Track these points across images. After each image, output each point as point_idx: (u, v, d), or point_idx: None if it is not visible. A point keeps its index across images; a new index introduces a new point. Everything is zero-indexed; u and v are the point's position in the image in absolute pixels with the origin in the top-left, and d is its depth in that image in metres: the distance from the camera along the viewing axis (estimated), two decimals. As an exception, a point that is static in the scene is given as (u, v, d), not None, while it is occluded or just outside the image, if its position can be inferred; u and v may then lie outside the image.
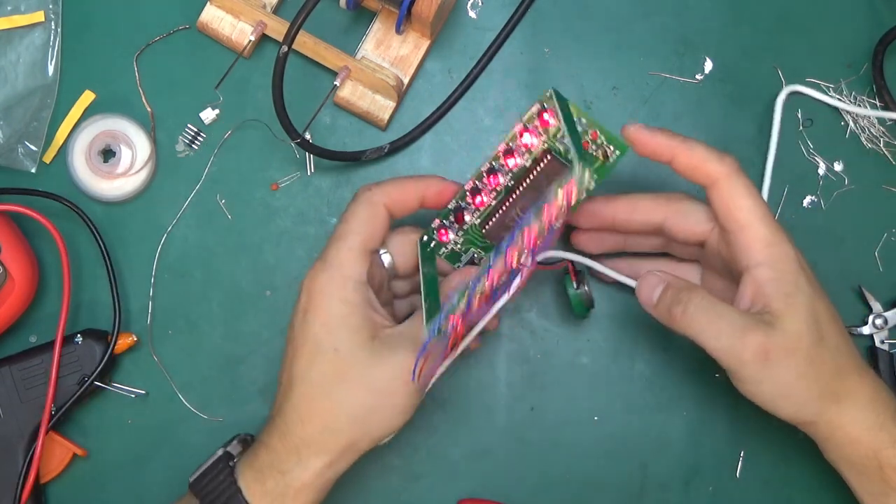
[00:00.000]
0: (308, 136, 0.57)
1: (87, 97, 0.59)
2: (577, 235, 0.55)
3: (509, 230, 0.48)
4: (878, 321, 0.58)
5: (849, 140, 0.60)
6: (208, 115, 0.59)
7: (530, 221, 0.44)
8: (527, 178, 0.50)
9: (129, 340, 0.57)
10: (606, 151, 0.50)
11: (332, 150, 0.57)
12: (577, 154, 0.46)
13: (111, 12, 0.60)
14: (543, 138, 0.49)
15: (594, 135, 0.50)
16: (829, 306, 0.48)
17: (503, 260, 0.45)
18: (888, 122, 0.60)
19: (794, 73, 0.60)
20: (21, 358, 0.56)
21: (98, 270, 0.58)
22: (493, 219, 0.51)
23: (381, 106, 0.59)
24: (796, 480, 0.57)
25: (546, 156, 0.50)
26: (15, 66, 0.59)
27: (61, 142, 0.59)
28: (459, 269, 0.52)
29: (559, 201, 0.44)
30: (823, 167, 0.60)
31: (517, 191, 0.50)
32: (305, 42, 0.57)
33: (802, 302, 0.46)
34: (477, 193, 0.51)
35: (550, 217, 0.44)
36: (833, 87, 0.60)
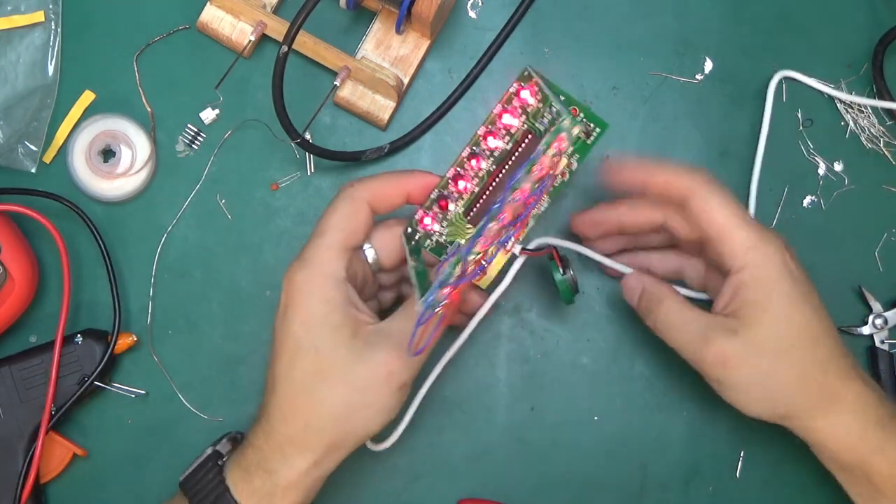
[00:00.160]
0: (308, 136, 0.57)
1: (87, 97, 0.59)
2: (586, 241, 0.55)
3: None
4: (878, 321, 0.58)
5: (849, 140, 0.60)
6: (208, 115, 0.59)
7: (520, 181, 0.43)
8: (509, 161, 0.49)
9: (129, 340, 0.57)
10: (587, 128, 0.49)
11: (332, 150, 0.57)
12: (565, 109, 0.45)
13: (111, 12, 0.60)
14: (523, 118, 0.49)
15: (574, 111, 0.49)
16: (815, 309, 0.48)
17: (496, 223, 0.44)
18: (887, 121, 0.60)
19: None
20: (21, 358, 0.56)
21: (98, 270, 0.58)
22: (477, 205, 0.50)
23: (381, 106, 0.58)
24: (796, 480, 0.57)
25: (527, 136, 0.49)
26: (15, 66, 0.59)
27: (61, 142, 0.59)
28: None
29: (548, 156, 0.43)
30: (823, 167, 0.60)
31: (500, 175, 0.50)
32: (305, 42, 0.57)
33: (774, 309, 0.47)
34: (459, 179, 0.49)
35: (542, 172, 0.43)
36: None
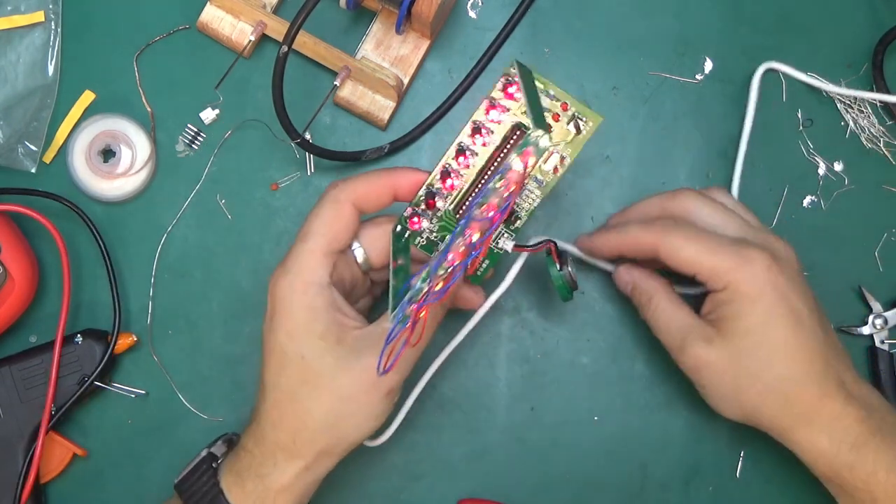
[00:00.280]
0: (308, 136, 0.57)
1: (87, 97, 0.59)
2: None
3: None
4: (878, 321, 0.58)
5: (849, 140, 0.60)
6: (208, 115, 0.59)
7: (488, 196, 0.42)
8: (497, 157, 0.48)
9: (129, 340, 0.57)
10: (578, 123, 0.48)
11: (332, 150, 0.57)
12: (533, 120, 0.44)
13: (111, 12, 0.60)
14: (510, 113, 0.47)
15: (564, 106, 0.48)
16: (799, 325, 0.48)
17: (462, 239, 0.42)
18: (887, 121, 0.60)
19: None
20: (21, 358, 0.56)
21: (98, 270, 0.58)
22: (467, 201, 0.49)
23: (381, 106, 0.58)
24: (796, 480, 0.57)
25: (515, 132, 0.48)
26: (15, 66, 0.59)
27: (61, 142, 0.59)
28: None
29: (516, 171, 0.42)
30: (823, 167, 0.60)
31: (489, 171, 0.49)
32: (305, 42, 0.57)
33: (751, 326, 0.48)
34: (447, 176, 0.48)
35: (509, 188, 0.42)
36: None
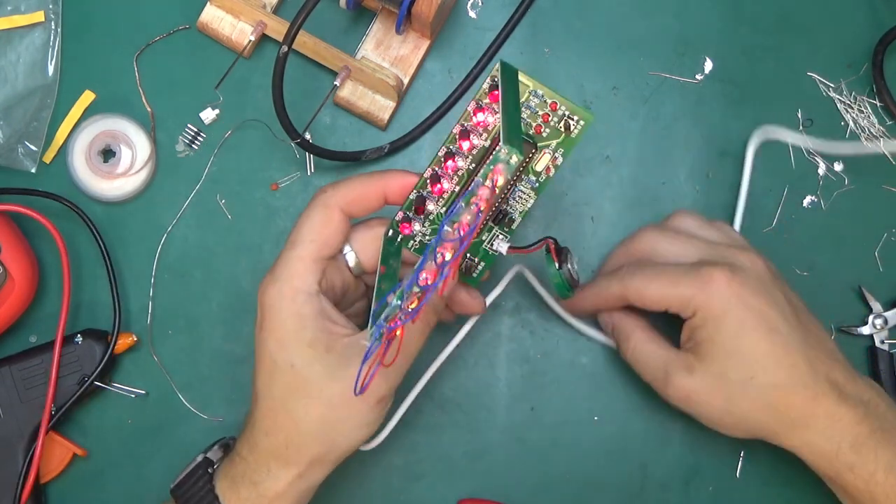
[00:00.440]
0: (308, 136, 0.57)
1: (87, 97, 0.59)
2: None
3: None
4: (878, 321, 0.58)
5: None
6: (208, 115, 0.59)
7: (460, 213, 0.41)
8: (487, 159, 0.46)
9: (129, 340, 0.57)
10: (569, 123, 0.47)
11: (332, 150, 0.57)
12: (504, 134, 0.42)
13: (111, 12, 0.60)
14: (499, 115, 0.45)
15: (553, 106, 0.47)
16: (773, 333, 0.48)
17: (433, 258, 0.41)
18: (887, 121, 0.60)
19: (794, 73, 0.60)
20: (21, 358, 0.56)
21: (98, 270, 0.58)
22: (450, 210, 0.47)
23: (381, 106, 0.58)
24: (796, 480, 0.57)
25: (496, 143, 0.45)
26: (15, 66, 0.59)
27: (61, 142, 0.59)
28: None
29: (486, 188, 0.41)
30: (823, 167, 0.60)
31: (478, 174, 0.46)
32: (305, 42, 0.57)
33: (725, 343, 0.49)
34: (437, 181, 0.47)
35: (479, 205, 0.41)
36: (833, 88, 0.60)
